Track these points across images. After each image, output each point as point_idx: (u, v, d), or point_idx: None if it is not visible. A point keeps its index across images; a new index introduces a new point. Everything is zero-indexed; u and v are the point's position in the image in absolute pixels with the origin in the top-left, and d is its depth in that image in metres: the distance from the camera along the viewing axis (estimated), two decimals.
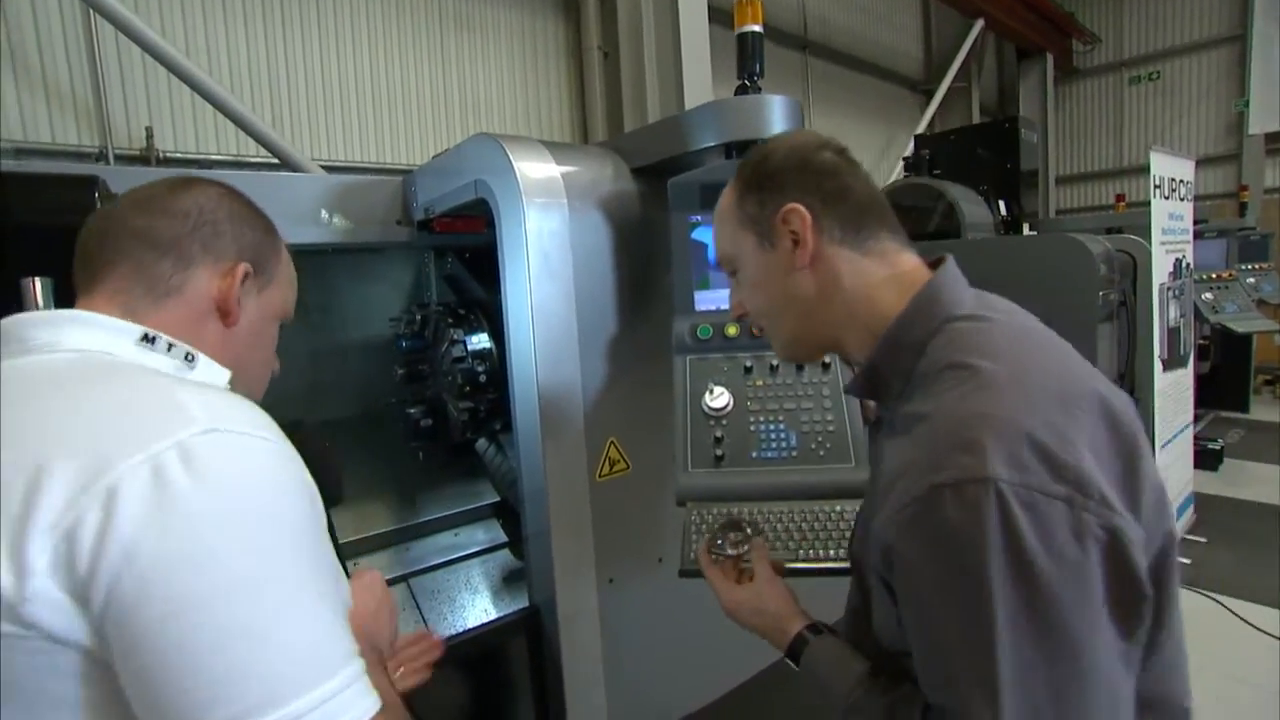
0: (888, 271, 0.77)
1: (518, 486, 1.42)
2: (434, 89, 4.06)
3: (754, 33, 1.28)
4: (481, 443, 1.93)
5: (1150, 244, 3.06)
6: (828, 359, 1.18)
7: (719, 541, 0.98)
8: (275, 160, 3.02)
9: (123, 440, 0.53)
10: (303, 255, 1.89)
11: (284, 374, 0.90)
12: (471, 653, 1.36)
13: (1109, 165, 9.18)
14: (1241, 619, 2.65)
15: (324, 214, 1.58)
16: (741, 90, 1.28)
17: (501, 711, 1.44)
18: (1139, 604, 0.59)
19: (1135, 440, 0.64)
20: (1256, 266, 5.20)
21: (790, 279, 0.78)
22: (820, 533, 1.00)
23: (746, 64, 1.28)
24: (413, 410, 1.86)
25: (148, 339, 0.67)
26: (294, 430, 0.85)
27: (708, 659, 1.62)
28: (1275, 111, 7.79)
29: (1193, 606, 2.80)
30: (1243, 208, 6.36)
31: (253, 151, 3.13)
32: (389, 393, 1.94)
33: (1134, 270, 3.78)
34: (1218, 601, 2.77)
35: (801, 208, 0.76)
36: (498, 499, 2.03)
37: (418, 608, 1.78)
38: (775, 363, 1.18)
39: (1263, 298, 4.89)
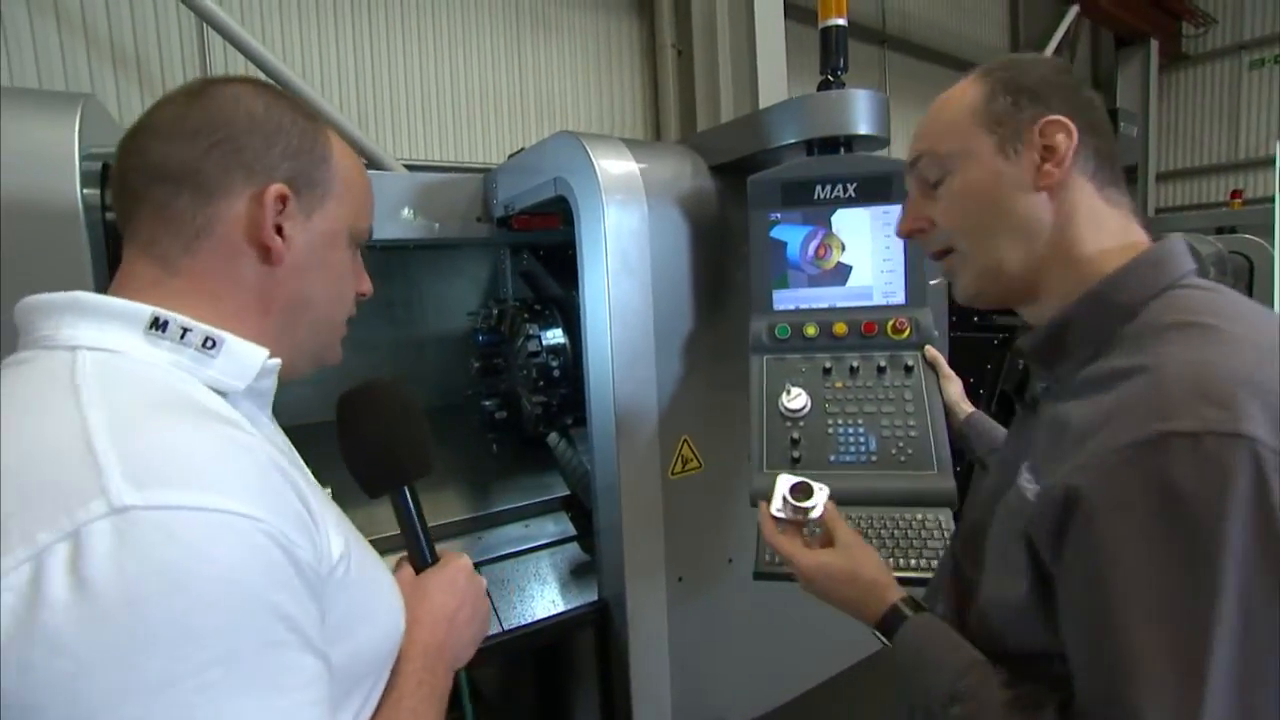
0: (1118, 225, 0.69)
1: (590, 481, 1.44)
2: (510, 89, 4.15)
3: (838, 26, 1.25)
4: (553, 436, 1.96)
5: (1273, 244, 2.81)
6: (910, 362, 1.14)
7: (782, 506, 0.86)
8: (362, 160, 3.16)
9: (11, 523, 0.41)
10: (386, 251, 1.99)
11: (365, 366, 0.83)
12: (541, 643, 1.39)
13: (1221, 159, 8.45)
14: None
15: (406, 211, 1.64)
16: (825, 85, 1.25)
17: (569, 702, 1.46)
18: None
19: None
20: None
21: (1022, 198, 0.69)
22: (901, 541, 0.97)
23: (830, 59, 1.25)
24: (488, 403, 1.91)
25: (157, 324, 0.55)
26: (371, 389, 0.77)
27: (774, 664, 1.60)
28: None
29: None
30: None
31: None
32: (466, 385, 2.00)
33: (1250, 273, 3.49)
34: None
35: (1069, 122, 0.68)
36: (568, 493, 2.06)
37: (489, 595, 1.83)
38: (855, 364, 1.15)
39: None
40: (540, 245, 1.98)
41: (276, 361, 0.63)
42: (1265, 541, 0.49)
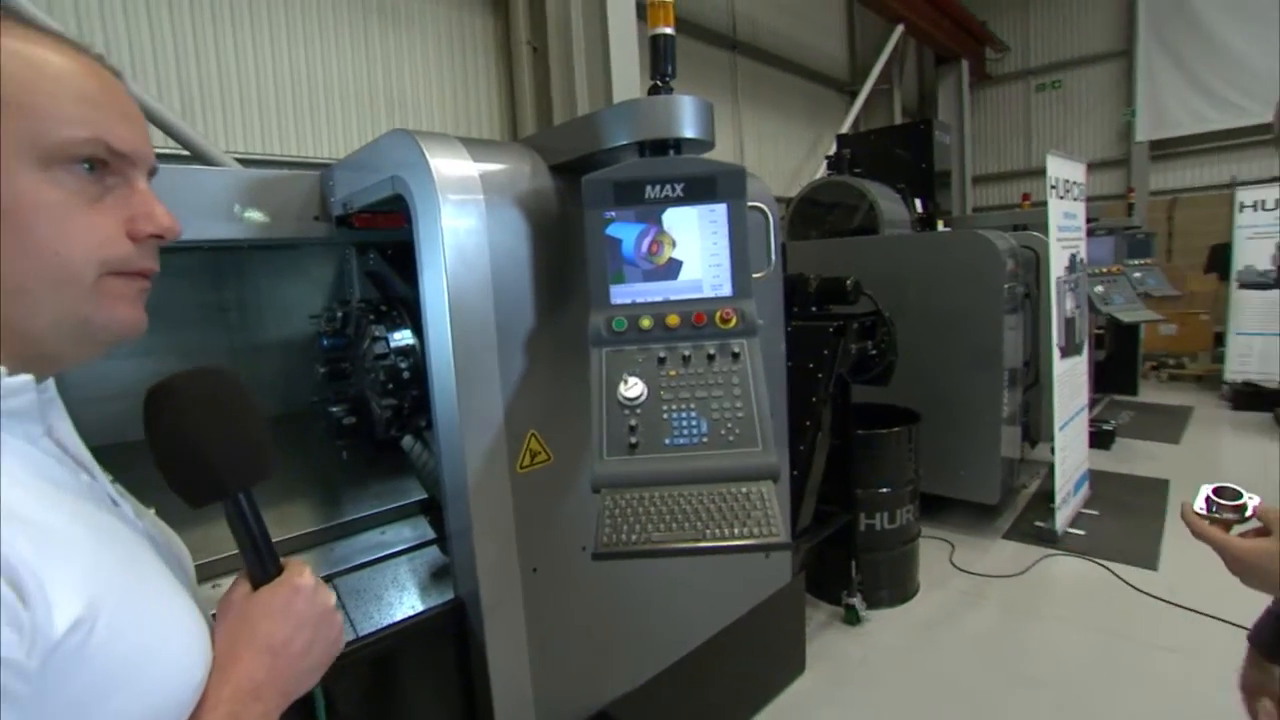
0: None
1: (440, 481, 1.43)
2: (357, 81, 3.96)
3: (666, 35, 1.32)
4: (408, 440, 1.92)
5: (1048, 240, 3.29)
6: (737, 349, 1.24)
7: (1212, 505, 0.91)
8: (185, 153, 2.89)
9: None
10: (218, 252, 1.85)
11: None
12: (395, 647, 1.36)
13: (1019, 166, 9.75)
14: (1125, 581, 2.90)
15: (237, 209, 1.54)
16: (654, 90, 1.32)
17: (430, 704, 1.44)
18: None
19: None
20: (1142, 262, 5.66)
21: None
22: (728, 513, 1.06)
23: (659, 65, 1.32)
24: (335, 409, 1.83)
25: None
26: (173, 382, 0.64)
27: (632, 645, 1.67)
28: (1158, 121, 8.48)
29: (1084, 572, 3.03)
30: (1130, 208, 6.89)
31: (160, 142, 2.99)
32: (311, 391, 1.90)
33: (1037, 265, 4.06)
34: (1105, 567, 3.02)
35: None
36: (425, 496, 2.02)
37: (343, 607, 1.76)
38: (687, 353, 1.23)
39: (1147, 290, 5.32)
40: (387, 244, 1.93)
41: (24, 379, 0.53)
42: None
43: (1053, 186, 3.23)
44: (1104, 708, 2.20)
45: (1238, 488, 0.92)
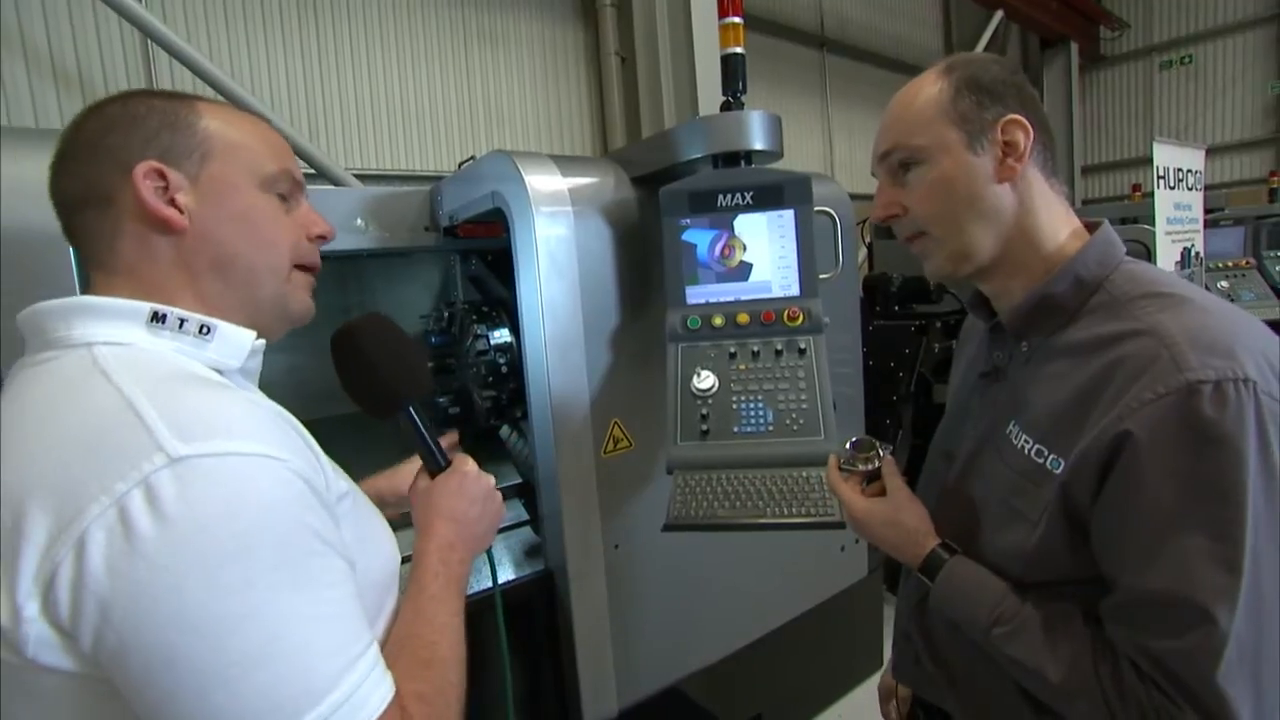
0: (1064, 212, 0.82)
1: (534, 466, 1.59)
2: (460, 99, 4.26)
3: (736, 54, 1.42)
4: (505, 429, 2.11)
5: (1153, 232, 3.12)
6: (803, 345, 1.32)
7: (848, 457, 0.95)
8: (312, 171, 3.25)
9: (88, 479, 0.52)
10: (342, 260, 2.10)
11: (323, 369, 0.87)
12: (490, 609, 1.53)
13: (1138, 153, 9.01)
14: None
15: (359, 222, 1.76)
16: (726, 106, 1.43)
17: (522, 661, 1.61)
18: None
19: None
20: None
21: (989, 188, 0.79)
22: (788, 494, 1.15)
23: (730, 83, 1.42)
24: (441, 399, 2.04)
25: (157, 318, 0.64)
26: (350, 326, 0.82)
27: (706, 625, 1.77)
28: None
29: None
30: (1271, 194, 6.24)
31: None
32: None
33: (1148, 258, 3.82)
34: None
35: (1026, 121, 0.78)
36: (520, 480, 2.21)
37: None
38: (756, 349, 1.33)
39: None
40: (487, 251, 2.12)
41: (262, 343, 0.73)
42: (1266, 458, 0.63)
43: (1160, 176, 3.06)
44: None
45: (873, 440, 0.95)
